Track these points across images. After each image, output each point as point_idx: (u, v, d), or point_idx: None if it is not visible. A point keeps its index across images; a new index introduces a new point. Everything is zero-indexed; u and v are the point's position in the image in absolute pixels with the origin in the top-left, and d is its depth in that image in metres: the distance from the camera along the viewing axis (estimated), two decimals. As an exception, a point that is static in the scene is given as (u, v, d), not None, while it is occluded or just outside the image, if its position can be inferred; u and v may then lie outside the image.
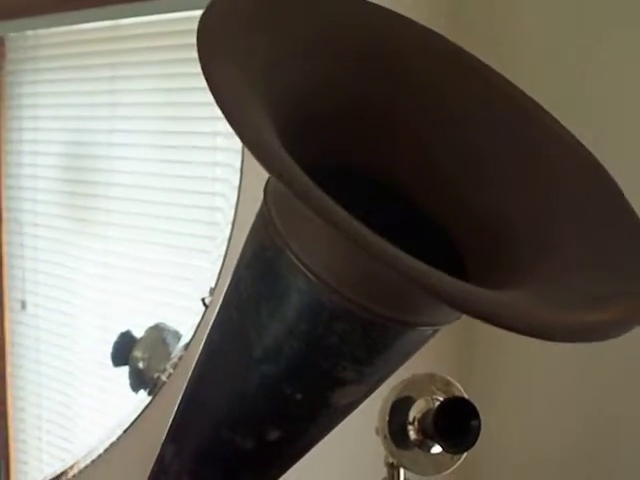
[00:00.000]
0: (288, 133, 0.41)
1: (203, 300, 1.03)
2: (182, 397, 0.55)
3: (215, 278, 1.05)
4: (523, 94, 0.47)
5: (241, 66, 0.40)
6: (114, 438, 1.07)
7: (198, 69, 1.01)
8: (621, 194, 0.44)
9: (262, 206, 0.46)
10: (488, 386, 1.08)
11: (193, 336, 1.05)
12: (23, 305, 1.24)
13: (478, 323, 0.40)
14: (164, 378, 1.10)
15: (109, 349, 1.18)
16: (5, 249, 1.19)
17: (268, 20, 0.41)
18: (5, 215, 1.19)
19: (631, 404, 1.15)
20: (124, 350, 1.14)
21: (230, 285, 0.50)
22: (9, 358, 1.18)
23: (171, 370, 1.08)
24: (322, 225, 0.39)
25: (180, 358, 1.06)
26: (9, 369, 1.18)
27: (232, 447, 0.51)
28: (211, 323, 0.52)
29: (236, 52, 0.40)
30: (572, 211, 0.46)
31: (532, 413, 1.24)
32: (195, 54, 0.90)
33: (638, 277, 0.40)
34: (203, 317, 1.04)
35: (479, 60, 0.48)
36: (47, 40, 1.23)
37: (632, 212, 0.44)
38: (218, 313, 0.51)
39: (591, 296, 0.41)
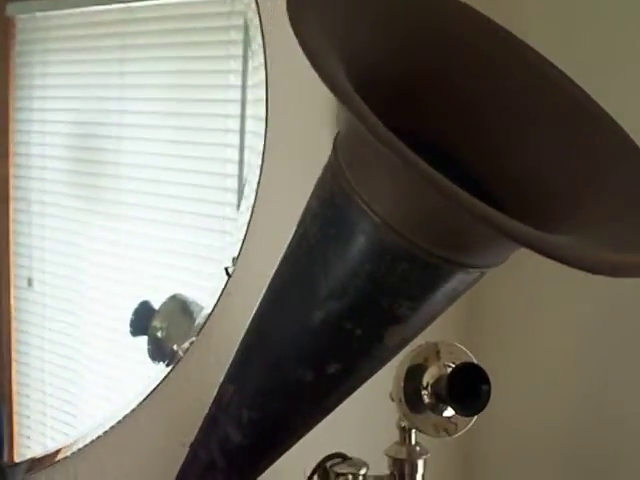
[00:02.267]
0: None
1: (226, 269, 1.09)
2: (243, 339, 0.62)
3: (238, 248, 1.11)
4: (561, 72, 0.55)
5: (324, 30, 0.47)
6: (127, 411, 1.13)
7: (208, 52, 1.06)
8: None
9: (330, 159, 0.53)
10: (492, 354, 1.16)
11: (216, 305, 1.11)
12: (30, 282, 1.23)
13: (484, 293, 0.47)
14: (184, 349, 1.15)
15: (117, 326, 1.22)
16: (12, 227, 1.19)
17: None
18: (13, 193, 1.19)
19: (635, 371, 1.23)
20: (143, 320, 1.18)
21: (295, 236, 0.57)
22: (14, 334, 1.18)
23: (193, 339, 1.13)
24: (392, 171, 0.46)
25: (202, 327, 1.11)
26: (14, 345, 1.18)
27: (292, 380, 0.58)
28: (274, 273, 0.59)
29: (320, 20, 0.47)
30: (603, 174, 0.53)
31: (534, 381, 1.32)
32: (205, 37, 0.96)
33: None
34: (226, 286, 1.09)
35: (521, 40, 0.55)
36: (57, 21, 1.25)
37: None
38: (282, 262, 0.58)
39: (623, 242, 0.49)
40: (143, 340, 1.22)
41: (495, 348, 1.29)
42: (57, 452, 1.14)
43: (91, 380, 1.22)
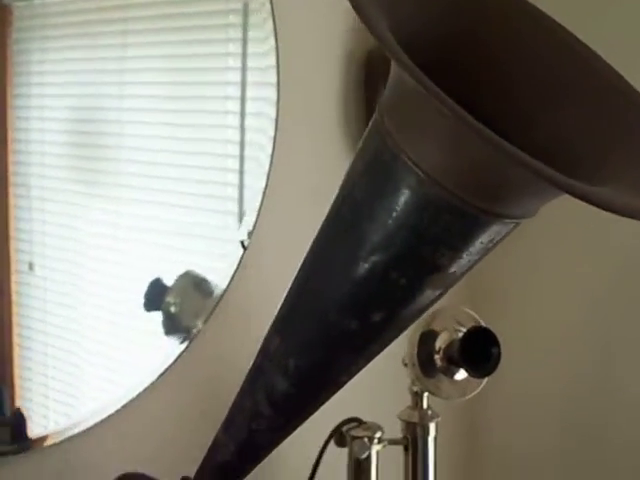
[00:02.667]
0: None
1: (242, 242, 1.14)
2: (289, 293, 0.67)
3: (253, 223, 1.16)
4: (584, 43, 0.61)
5: (373, 3, 0.52)
6: (139, 390, 1.16)
7: (207, 35, 1.11)
8: None
9: (376, 120, 0.59)
10: (496, 322, 1.22)
11: (232, 278, 1.16)
12: (30, 267, 1.25)
13: (489, 265, 0.53)
14: (200, 325, 1.19)
15: (118, 308, 1.25)
16: (12, 212, 1.22)
17: None
18: (13, 179, 1.22)
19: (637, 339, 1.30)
20: (156, 296, 1.22)
21: (340, 196, 0.62)
22: (15, 319, 1.21)
23: (207, 315, 1.18)
24: (438, 126, 0.52)
25: (219, 300, 1.16)
26: (15, 329, 1.21)
27: (338, 329, 0.63)
28: (319, 230, 0.64)
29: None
30: (622, 133, 0.59)
31: (537, 348, 1.38)
32: (203, 21, 1.00)
33: None
34: (242, 259, 1.14)
35: (551, 18, 0.62)
36: (55, 8, 1.26)
37: None
38: (326, 222, 0.63)
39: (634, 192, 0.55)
40: (148, 321, 1.26)
41: (499, 316, 1.35)
42: (58, 433, 1.16)
43: (95, 362, 1.25)
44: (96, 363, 1.28)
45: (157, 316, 1.28)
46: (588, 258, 1.41)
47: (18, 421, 1.12)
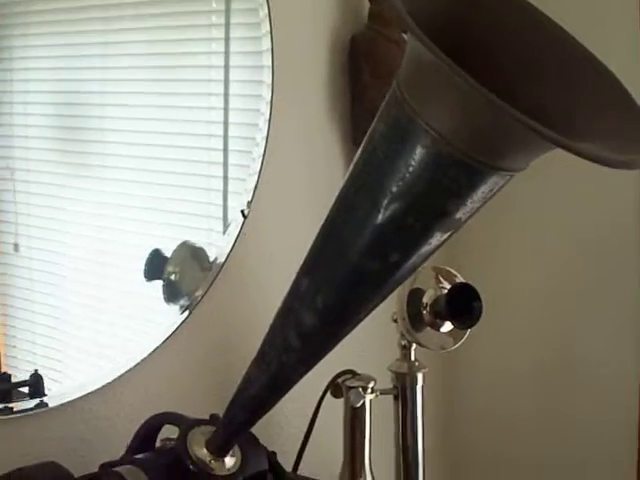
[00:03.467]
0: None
1: (242, 211, 1.28)
2: (316, 239, 0.81)
3: (251, 192, 1.29)
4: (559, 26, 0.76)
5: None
6: (135, 361, 1.25)
7: (189, 22, 1.22)
8: (626, 91, 0.73)
9: (394, 89, 0.73)
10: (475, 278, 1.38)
11: (233, 246, 1.28)
12: (16, 248, 1.30)
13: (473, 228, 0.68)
14: (201, 292, 1.29)
15: (105, 284, 1.34)
16: None
17: None
18: None
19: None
20: (156, 265, 1.32)
21: (363, 154, 0.77)
22: (1, 299, 1.26)
23: (209, 281, 1.30)
24: (453, 93, 0.66)
25: (222, 266, 1.28)
26: (1, 309, 1.27)
27: (360, 269, 0.78)
28: (343, 185, 0.78)
29: None
30: (592, 102, 0.75)
31: (514, 301, 1.54)
32: (186, 7, 1.12)
33: (632, 135, 0.69)
34: (242, 228, 1.27)
35: (543, 14, 0.77)
36: None
37: (632, 101, 0.73)
38: (350, 177, 0.77)
39: (617, 149, 0.70)
40: (135, 297, 1.35)
41: (477, 274, 1.51)
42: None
43: (80, 336, 1.33)
44: (83, 336, 1.35)
45: (154, 285, 1.37)
46: (561, 224, 1.58)
47: (37, 380, 1.21)
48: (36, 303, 1.32)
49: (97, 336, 1.35)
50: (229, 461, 0.93)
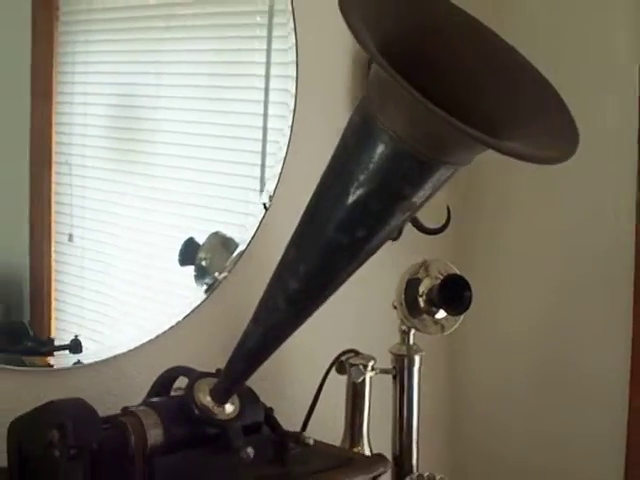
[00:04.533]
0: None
1: (264, 204, 1.50)
2: (302, 217, 1.03)
3: (273, 188, 1.50)
4: (505, 41, 0.98)
5: (362, 19, 0.89)
6: (175, 322, 1.45)
7: (236, 33, 1.45)
8: (556, 94, 0.95)
9: (363, 97, 0.96)
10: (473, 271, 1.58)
11: (256, 232, 1.49)
12: (70, 238, 1.44)
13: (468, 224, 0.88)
14: (225, 274, 1.51)
15: (151, 273, 1.53)
16: (54, 188, 1.39)
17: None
18: (55, 158, 1.39)
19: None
20: (189, 252, 1.52)
21: (338, 147, 0.99)
22: (54, 285, 1.41)
23: (233, 265, 1.50)
24: (403, 102, 0.89)
25: (244, 251, 1.49)
26: (54, 294, 1.41)
27: (334, 242, 0.98)
28: (323, 173, 1.01)
29: (358, 7, 0.89)
30: (528, 105, 0.96)
31: (509, 292, 1.73)
32: (231, 20, 1.36)
33: (559, 135, 0.90)
34: (263, 218, 1.48)
35: (481, 24, 0.99)
36: (99, 5, 1.44)
37: (560, 103, 0.94)
38: (328, 165, 1.00)
39: (542, 146, 0.92)
40: (178, 275, 1.55)
41: (476, 267, 1.71)
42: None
43: (119, 309, 1.51)
44: (122, 309, 1.53)
45: (187, 270, 1.57)
46: (558, 229, 1.77)
47: (76, 344, 1.43)
48: (86, 280, 1.50)
49: (133, 309, 1.54)
50: (229, 408, 1.15)
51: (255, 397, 1.18)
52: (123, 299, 1.53)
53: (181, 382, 1.18)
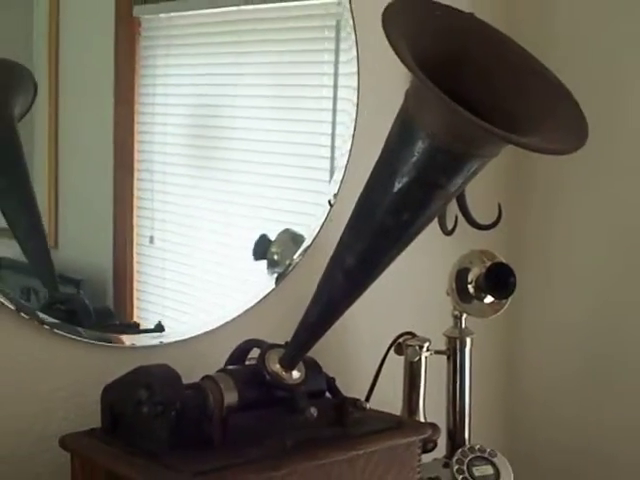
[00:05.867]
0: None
1: (329, 201, 1.75)
2: (357, 203, 1.23)
3: (337, 187, 1.73)
4: (524, 49, 1.21)
5: (402, 35, 1.15)
6: (249, 306, 1.67)
7: (307, 46, 1.75)
8: (568, 93, 1.19)
9: (403, 103, 1.21)
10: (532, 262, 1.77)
11: (321, 228, 1.71)
12: (151, 240, 1.61)
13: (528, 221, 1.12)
14: (294, 264, 1.72)
15: (227, 269, 1.73)
16: (137, 193, 1.55)
17: (412, 17, 1.16)
18: (138, 166, 1.55)
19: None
20: (262, 247, 1.73)
21: (385, 147, 1.21)
22: (136, 285, 1.58)
23: (300, 258, 1.72)
24: (437, 107, 1.14)
25: (310, 245, 1.71)
26: (136, 294, 1.58)
27: (383, 224, 1.20)
28: (373, 167, 1.25)
29: (399, 28, 1.14)
30: (544, 105, 1.19)
31: (560, 280, 1.94)
32: (302, 35, 1.61)
33: (571, 130, 1.14)
34: (329, 214, 1.71)
35: (509, 38, 1.23)
36: (178, 21, 1.61)
37: (572, 102, 1.18)
38: (377, 161, 1.24)
39: (555, 141, 1.16)
40: (245, 277, 1.75)
41: (526, 256, 1.93)
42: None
43: (199, 297, 1.70)
44: (206, 300, 1.73)
45: (260, 264, 1.78)
46: (611, 219, 1.96)
47: (160, 329, 1.65)
48: (167, 280, 1.69)
49: (210, 299, 1.75)
50: (295, 374, 1.37)
51: (319, 367, 1.40)
52: (201, 292, 1.73)
53: (254, 354, 1.41)
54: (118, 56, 1.51)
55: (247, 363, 1.42)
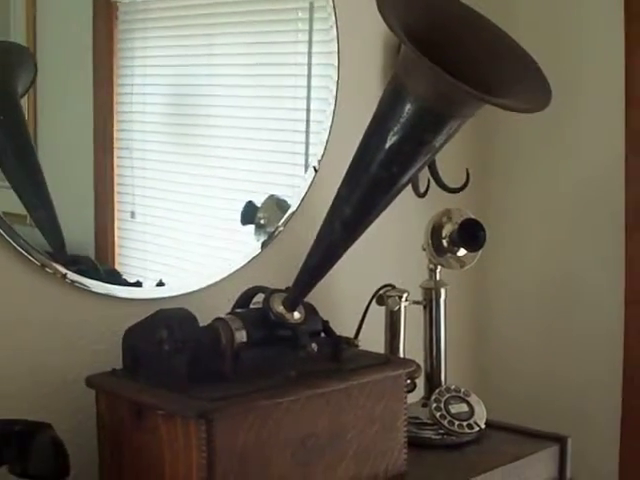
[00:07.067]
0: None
1: (314, 167, 2.01)
2: (352, 159, 1.50)
3: (321, 153, 1.96)
4: (496, 25, 1.49)
5: (392, 10, 1.43)
6: (243, 264, 1.87)
7: (279, 27, 1.96)
8: (533, 62, 1.47)
9: (394, 70, 1.49)
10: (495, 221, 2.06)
11: (306, 193, 1.93)
12: (132, 215, 1.70)
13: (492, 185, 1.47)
14: (280, 229, 1.92)
15: (209, 243, 1.84)
16: (117, 171, 1.64)
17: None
18: (117, 144, 1.64)
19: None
20: (250, 213, 1.92)
21: (377, 108, 1.48)
22: (118, 259, 1.69)
23: (285, 223, 1.92)
24: (423, 72, 1.42)
25: (296, 209, 1.93)
26: (118, 268, 1.68)
27: (376, 176, 1.43)
28: (367, 126, 1.53)
29: (390, 4, 1.42)
30: (513, 71, 1.45)
31: (523, 235, 2.26)
32: (274, 17, 1.89)
33: (537, 92, 1.43)
34: (314, 180, 1.94)
35: (484, 17, 1.50)
36: (155, 5, 1.70)
37: (537, 69, 1.45)
38: (370, 121, 1.52)
39: (524, 101, 1.45)
40: (231, 241, 1.93)
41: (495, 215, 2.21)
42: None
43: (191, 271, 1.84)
44: (193, 262, 1.87)
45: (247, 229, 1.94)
46: (560, 174, 2.27)
47: (161, 283, 1.82)
48: (148, 252, 1.80)
49: (197, 261, 1.92)
50: (297, 315, 1.59)
51: (315, 311, 1.63)
52: (184, 263, 1.81)
53: (257, 299, 1.64)
54: (96, 39, 1.59)
55: (251, 307, 1.64)
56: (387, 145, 1.40)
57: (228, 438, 1.41)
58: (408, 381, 1.76)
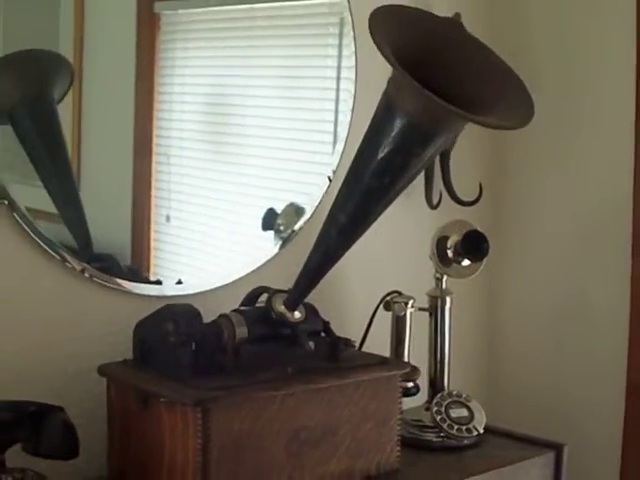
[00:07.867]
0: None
1: (329, 177, 2.12)
2: (348, 169, 1.62)
3: (335, 165, 2.07)
4: (483, 45, 1.60)
5: (384, 35, 1.57)
6: (257, 266, 1.98)
7: (312, 41, 2.13)
8: (518, 80, 1.57)
9: (386, 88, 1.63)
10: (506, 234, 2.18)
11: (320, 201, 2.03)
12: (167, 218, 1.77)
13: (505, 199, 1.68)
14: (296, 232, 2.03)
15: (238, 249, 1.94)
16: (155, 176, 1.71)
17: (394, 20, 1.59)
18: (156, 149, 1.71)
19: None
20: (270, 219, 2.02)
21: (371, 123, 1.63)
22: (153, 261, 1.76)
23: (301, 227, 2.04)
24: (411, 92, 1.56)
25: (312, 215, 2.04)
26: (152, 270, 1.78)
27: (369, 185, 1.54)
28: (362, 139, 1.66)
29: (382, 29, 1.57)
30: (498, 90, 1.56)
31: (532, 251, 2.35)
32: (310, 30, 2.07)
33: (520, 109, 1.57)
34: (327, 189, 2.03)
35: (471, 36, 1.63)
36: (196, 17, 1.80)
37: (521, 87, 1.56)
38: (364, 136, 1.63)
39: (506, 118, 1.59)
40: (254, 244, 2.03)
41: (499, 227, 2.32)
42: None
43: (213, 262, 1.95)
44: (218, 264, 1.98)
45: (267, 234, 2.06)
46: (568, 198, 2.35)
47: (180, 282, 1.94)
48: (182, 256, 1.91)
49: (222, 262, 2.05)
50: (297, 314, 1.69)
51: (316, 311, 1.74)
52: (214, 261, 1.93)
53: (263, 298, 1.75)
54: (139, 49, 1.66)
55: (257, 305, 1.75)
56: (379, 157, 1.52)
57: (223, 426, 1.52)
58: (410, 384, 1.91)
